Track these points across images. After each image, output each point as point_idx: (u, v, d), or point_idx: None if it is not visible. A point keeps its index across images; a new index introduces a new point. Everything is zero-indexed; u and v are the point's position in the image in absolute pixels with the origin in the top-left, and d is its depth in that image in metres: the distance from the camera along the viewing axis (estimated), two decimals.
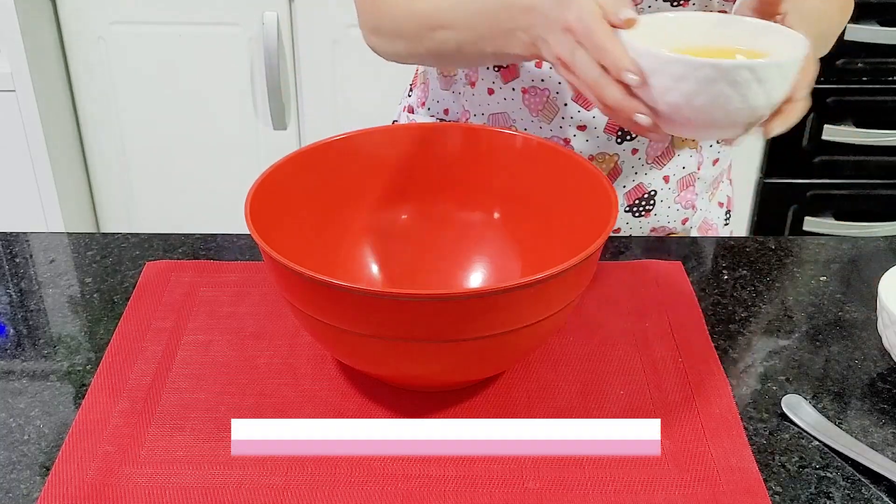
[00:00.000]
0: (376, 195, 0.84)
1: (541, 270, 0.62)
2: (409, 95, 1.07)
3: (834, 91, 1.91)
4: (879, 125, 1.92)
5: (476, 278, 0.84)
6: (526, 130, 0.94)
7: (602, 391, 0.74)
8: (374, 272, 0.83)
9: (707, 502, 0.64)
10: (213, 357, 0.77)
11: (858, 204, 2.02)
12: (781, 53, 0.68)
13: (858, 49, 1.85)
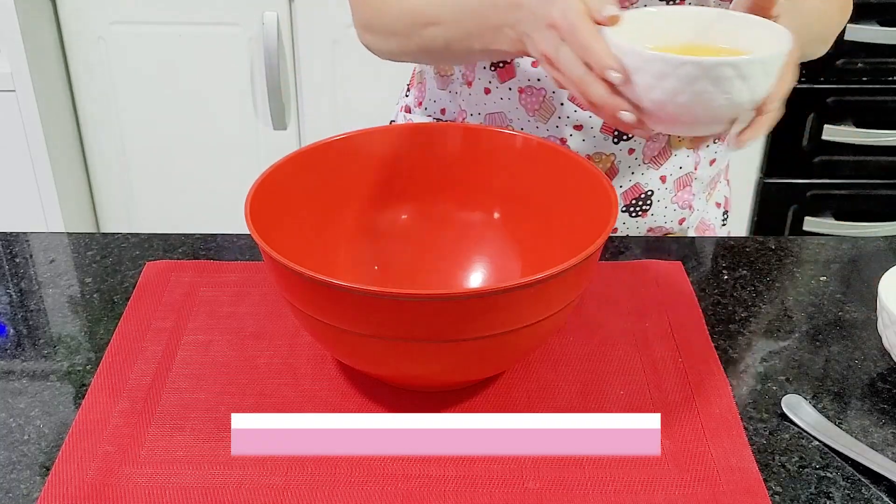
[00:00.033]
0: (377, 195, 0.84)
1: (541, 270, 0.62)
2: (407, 95, 1.07)
3: (834, 91, 1.90)
4: (879, 125, 1.92)
5: (476, 278, 0.84)
6: (522, 130, 0.94)
7: (602, 391, 0.74)
8: (375, 272, 0.83)
9: (707, 502, 0.64)
10: (213, 357, 0.77)
11: (858, 204, 2.02)
12: (766, 48, 0.68)
13: (858, 49, 1.85)
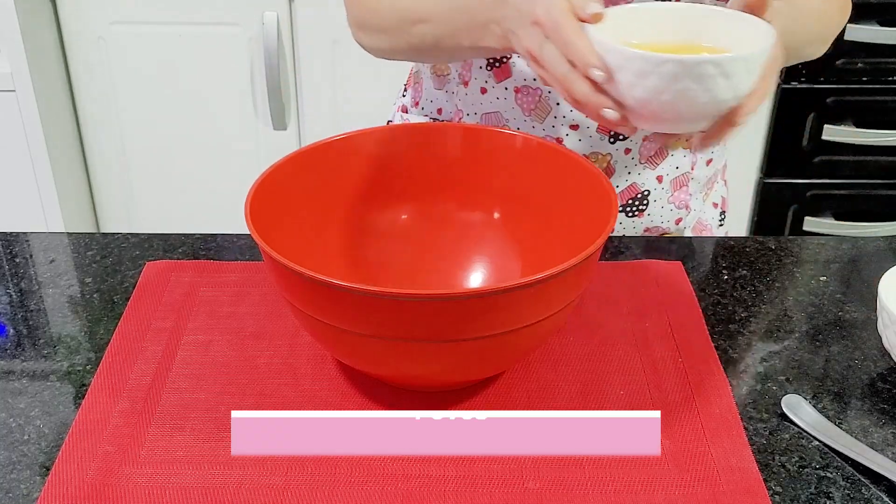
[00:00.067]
0: (376, 195, 0.84)
1: (541, 270, 0.62)
2: (404, 95, 1.07)
3: (834, 91, 1.90)
4: (879, 125, 1.92)
5: (476, 278, 0.84)
6: (519, 130, 0.94)
7: (602, 391, 0.74)
8: (374, 272, 0.83)
9: (707, 502, 0.64)
10: (213, 357, 0.77)
11: (858, 204, 2.02)
12: (750, 45, 0.67)
13: (858, 49, 1.85)
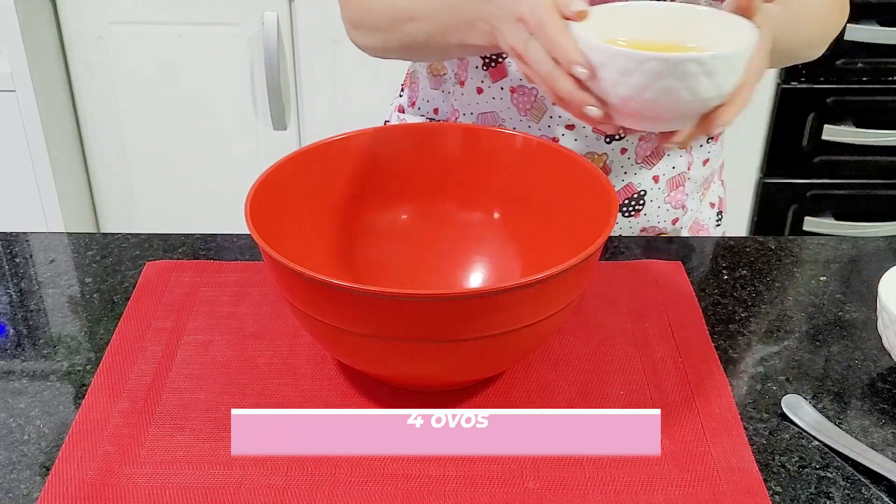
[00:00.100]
0: (376, 195, 0.84)
1: (541, 270, 0.62)
2: (401, 95, 1.08)
3: (834, 91, 1.91)
4: (879, 125, 1.92)
5: (476, 278, 0.84)
6: (515, 129, 0.94)
7: (602, 391, 0.74)
8: (374, 272, 0.83)
9: (707, 502, 0.64)
10: (213, 357, 0.77)
11: (858, 204, 2.02)
12: (733, 44, 0.67)
13: (858, 49, 1.85)
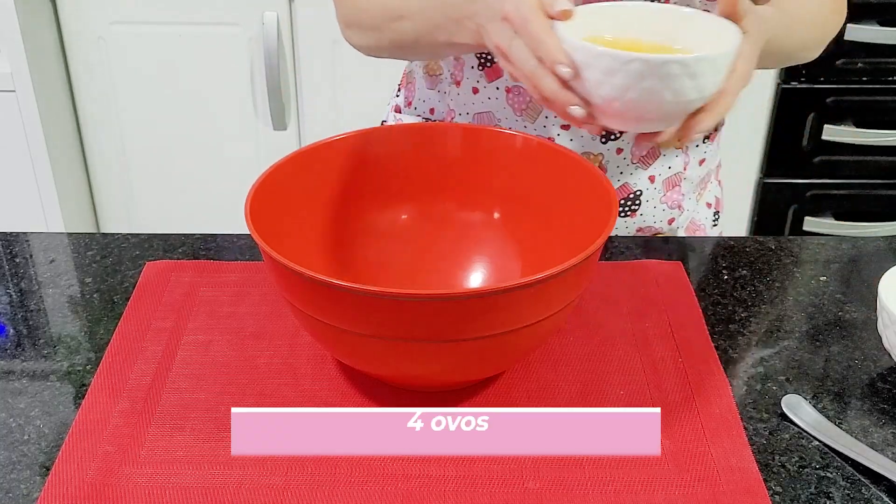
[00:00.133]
0: (376, 195, 0.84)
1: (541, 270, 0.62)
2: (397, 96, 1.08)
3: (834, 91, 1.91)
4: (879, 125, 1.92)
5: (476, 278, 0.84)
6: (514, 129, 0.94)
7: (602, 391, 0.74)
8: (374, 272, 0.83)
9: (707, 502, 0.64)
10: (213, 357, 0.77)
11: (858, 204, 2.02)
12: (717, 46, 0.67)
13: (858, 49, 1.85)
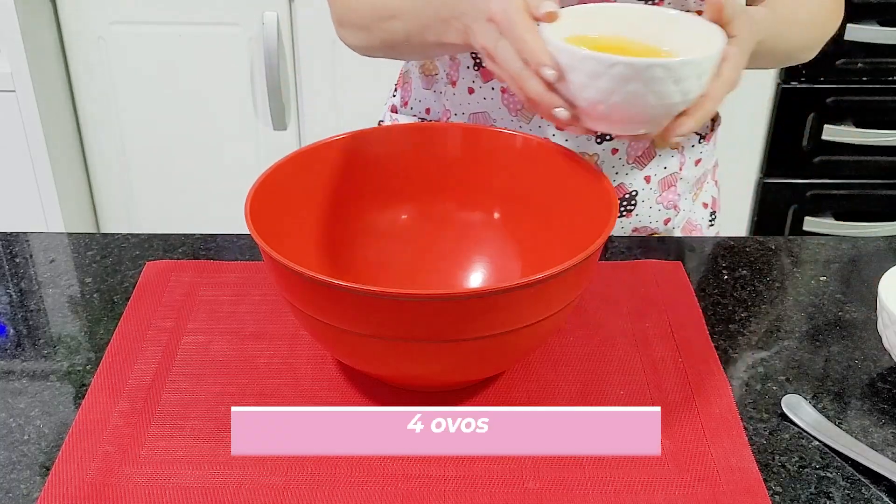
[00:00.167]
0: (376, 195, 0.84)
1: (541, 270, 0.62)
2: (394, 96, 1.08)
3: (834, 91, 1.91)
4: (879, 125, 1.92)
5: (476, 278, 0.84)
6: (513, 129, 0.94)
7: (602, 391, 0.74)
8: (374, 272, 0.83)
9: (707, 502, 0.64)
10: (213, 357, 0.77)
11: (858, 204, 2.02)
12: (702, 49, 0.68)
13: (858, 49, 1.85)
